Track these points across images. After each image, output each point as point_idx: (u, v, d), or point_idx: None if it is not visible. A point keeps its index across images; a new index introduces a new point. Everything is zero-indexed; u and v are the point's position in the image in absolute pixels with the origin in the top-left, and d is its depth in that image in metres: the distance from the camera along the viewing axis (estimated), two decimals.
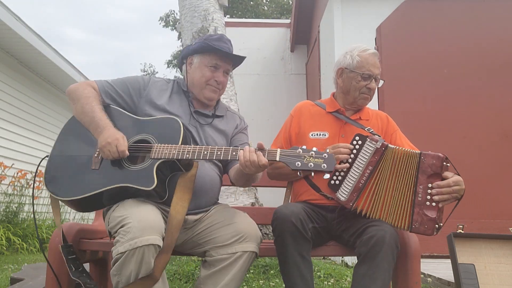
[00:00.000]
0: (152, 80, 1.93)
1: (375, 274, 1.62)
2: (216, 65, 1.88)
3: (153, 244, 1.47)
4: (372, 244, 1.64)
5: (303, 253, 1.72)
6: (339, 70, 2.04)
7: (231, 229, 1.68)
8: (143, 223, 1.49)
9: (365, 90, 1.98)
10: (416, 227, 1.70)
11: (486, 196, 4.14)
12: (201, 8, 4.14)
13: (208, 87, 1.89)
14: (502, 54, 4.41)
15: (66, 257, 1.65)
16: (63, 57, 7.39)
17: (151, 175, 1.59)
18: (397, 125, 2.11)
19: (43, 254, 1.75)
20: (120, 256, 1.46)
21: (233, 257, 1.63)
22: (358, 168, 1.78)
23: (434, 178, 1.72)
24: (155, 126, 1.74)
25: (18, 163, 6.39)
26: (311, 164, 1.49)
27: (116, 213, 1.58)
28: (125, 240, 1.46)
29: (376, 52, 2.03)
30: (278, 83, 7.23)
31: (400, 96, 4.34)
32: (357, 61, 1.98)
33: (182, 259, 3.27)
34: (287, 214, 1.72)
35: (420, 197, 1.71)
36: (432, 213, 1.69)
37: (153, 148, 1.65)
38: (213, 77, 1.88)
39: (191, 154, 1.62)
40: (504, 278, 2.17)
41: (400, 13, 4.47)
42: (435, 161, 1.72)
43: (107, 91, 1.84)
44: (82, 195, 1.63)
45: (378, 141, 1.78)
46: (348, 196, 1.77)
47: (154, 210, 1.58)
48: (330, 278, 3.06)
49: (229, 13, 16.43)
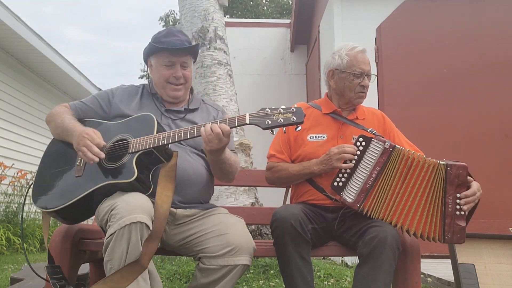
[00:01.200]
0: (121, 88, 1.97)
1: (376, 275, 1.62)
2: (169, 62, 1.86)
3: (141, 222, 1.48)
4: (374, 245, 1.64)
5: (303, 254, 1.72)
6: (329, 72, 2.04)
7: (223, 240, 1.66)
8: (131, 205, 1.51)
9: (360, 89, 1.98)
10: (449, 237, 1.73)
11: (486, 196, 4.11)
12: (201, 8, 4.14)
13: (169, 86, 1.89)
14: (502, 54, 4.40)
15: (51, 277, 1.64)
16: (63, 57, 7.39)
17: (131, 167, 1.61)
18: (393, 123, 2.10)
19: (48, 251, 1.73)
20: (110, 238, 1.48)
21: (224, 270, 1.63)
22: (366, 169, 1.77)
23: (461, 188, 1.74)
24: (130, 125, 1.76)
25: (18, 163, 6.39)
26: (281, 119, 1.51)
27: (103, 205, 1.60)
28: (115, 221, 1.48)
29: (364, 48, 2.02)
30: (278, 83, 7.22)
31: (400, 96, 4.34)
32: (346, 60, 1.97)
33: (182, 259, 3.27)
34: (286, 216, 1.71)
35: (451, 208, 1.73)
36: (462, 222, 1.73)
37: (130, 143, 1.68)
38: (170, 74, 1.87)
39: (166, 139, 1.63)
40: (504, 278, 2.17)
41: (400, 13, 4.47)
42: (461, 171, 1.74)
43: (78, 107, 1.89)
44: (70, 201, 1.65)
45: (386, 142, 1.77)
46: (356, 197, 1.76)
47: (142, 196, 1.60)
48: (330, 278, 3.06)
49: (229, 13, 16.43)
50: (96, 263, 2.05)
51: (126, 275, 1.47)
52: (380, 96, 4.34)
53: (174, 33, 1.87)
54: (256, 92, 7.03)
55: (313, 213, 1.87)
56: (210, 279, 1.64)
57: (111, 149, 1.71)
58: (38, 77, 7.50)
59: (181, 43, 1.86)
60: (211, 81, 3.89)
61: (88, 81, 8.46)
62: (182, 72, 1.88)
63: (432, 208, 1.74)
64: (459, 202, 1.73)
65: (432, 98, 4.35)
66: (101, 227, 1.62)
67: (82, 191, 1.65)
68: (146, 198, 1.59)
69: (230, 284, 1.66)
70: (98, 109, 1.89)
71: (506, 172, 4.21)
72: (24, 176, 5.78)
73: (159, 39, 1.86)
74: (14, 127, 6.67)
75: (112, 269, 1.49)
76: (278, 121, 1.50)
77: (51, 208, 1.68)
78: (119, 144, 1.71)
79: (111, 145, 1.72)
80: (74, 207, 1.66)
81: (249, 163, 3.67)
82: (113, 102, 1.90)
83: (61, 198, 1.67)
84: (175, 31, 1.89)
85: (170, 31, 1.88)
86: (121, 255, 1.47)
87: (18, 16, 6.03)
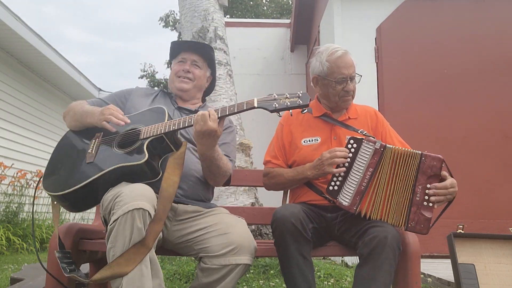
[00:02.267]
0: (138, 88, 2.11)
1: (376, 276, 1.61)
2: (182, 59, 2.05)
3: (143, 209, 1.49)
4: (374, 245, 1.64)
5: (304, 253, 1.71)
6: (313, 79, 2.05)
7: (225, 240, 1.66)
8: (135, 192, 1.53)
9: (344, 94, 1.97)
10: (412, 226, 1.72)
11: (486, 196, 4.14)
12: (201, 8, 4.14)
13: (177, 79, 2.04)
14: (502, 54, 4.41)
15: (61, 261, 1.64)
16: (63, 57, 7.39)
17: (142, 150, 1.66)
18: (387, 121, 2.10)
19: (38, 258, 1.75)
20: (114, 225, 1.49)
21: (225, 269, 1.63)
22: (359, 171, 1.77)
23: (433, 179, 1.73)
24: (142, 117, 1.84)
25: (18, 163, 6.39)
26: (287, 102, 1.59)
27: (108, 194, 1.61)
28: (118, 207, 1.50)
29: (345, 51, 1.97)
30: (278, 83, 7.22)
31: (400, 96, 4.34)
32: (327, 67, 1.96)
33: (182, 259, 3.27)
34: (286, 215, 1.71)
35: (418, 197, 1.73)
36: (429, 213, 1.72)
37: (142, 130, 1.74)
38: (180, 68, 2.04)
39: (176, 125, 1.69)
40: (504, 278, 2.17)
41: (400, 13, 4.47)
42: (435, 162, 1.73)
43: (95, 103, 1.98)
44: (80, 184, 1.66)
45: (376, 142, 1.78)
46: (351, 200, 1.76)
47: (146, 186, 1.62)
48: (330, 278, 3.06)
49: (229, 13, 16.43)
50: (96, 263, 2.05)
51: (132, 257, 1.47)
52: (380, 96, 4.34)
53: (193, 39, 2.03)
54: (256, 92, 7.00)
55: (314, 212, 1.87)
56: (211, 279, 1.65)
57: (122, 138, 1.77)
58: (38, 77, 7.50)
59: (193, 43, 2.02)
60: None
61: (88, 81, 8.46)
62: (192, 69, 2.04)
63: (401, 195, 1.74)
64: (427, 192, 1.72)
65: (432, 98, 4.35)
66: (104, 218, 1.62)
67: (93, 174, 1.67)
68: (150, 188, 1.61)
69: (232, 284, 1.66)
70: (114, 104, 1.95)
71: (506, 172, 4.21)
72: (24, 176, 5.78)
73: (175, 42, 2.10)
74: (14, 127, 6.67)
75: (115, 256, 1.49)
76: (285, 104, 1.59)
77: (61, 191, 1.68)
78: (130, 132, 1.77)
79: (123, 133, 1.78)
80: (83, 192, 1.67)
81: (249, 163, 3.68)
82: (129, 99, 2.01)
83: (71, 182, 1.69)
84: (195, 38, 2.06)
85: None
86: (124, 240, 1.48)
87: (18, 16, 6.04)
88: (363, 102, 2.19)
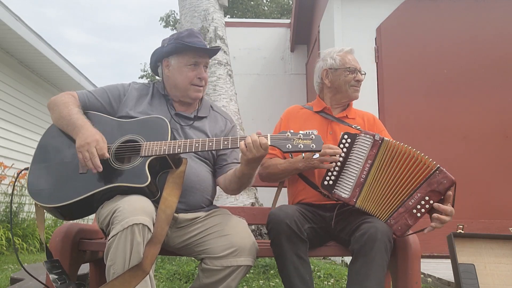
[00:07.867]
0: (132, 86, 1.92)
1: (369, 270, 1.62)
2: (195, 62, 1.85)
3: (142, 224, 1.46)
4: (364, 241, 1.65)
5: (300, 254, 1.72)
6: (323, 72, 2.11)
7: (226, 241, 1.65)
8: (133, 206, 1.49)
9: (355, 83, 2.07)
10: (390, 223, 1.72)
11: (486, 196, 4.14)
12: (201, 8, 4.15)
13: (192, 88, 1.86)
14: (502, 54, 4.40)
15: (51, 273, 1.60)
16: (63, 57, 7.39)
17: (144, 172, 1.59)
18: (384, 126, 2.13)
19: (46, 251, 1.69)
20: (113, 240, 1.45)
21: (227, 271, 1.63)
22: (358, 163, 1.80)
23: (435, 195, 1.70)
24: (141, 126, 1.73)
25: (18, 163, 6.38)
26: (301, 145, 1.56)
27: (105, 208, 1.57)
28: (117, 223, 1.46)
29: (351, 48, 2.14)
30: (278, 83, 7.22)
31: (400, 96, 4.34)
32: (338, 60, 2.09)
33: (182, 259, 3.27)
34: (281, 216, 1.72)
35: (412, 202, 1.72)
36: (412, 221, 1.71)
37: (142, 146, 1.65)
38: (195, 75, 1.85)
39: (182, 148, 1.62)
40: (504, 278, 2.17)
41: (400, 13, 4.47)
42: (446, 181, 1.69)
43: (86, 98, 1.84)
44: (75, 199, 1.60)
45: (375, 135, 1.80)
46: (351, 192, 1.78)
47: (145, 198, 1.57)
48: (330, 278, 3.06)
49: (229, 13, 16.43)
50: (96, 263, 2.05)
51: (127, 279, 1.44)
52: (380, 96, 4.33)
53: (195, 35, 1.87)
54: (256, 92, 7.03)
55: (311, 213, 1.88)
56: (213, 280, 1.64)
57: (119, 149, 1.67)
58: (38, 77, 7.50)
59: (204, 44, 1.86)
60: (211, 81, 3.89)
61: (88, 81, 8.46)
62: (204, 74, 1.88)
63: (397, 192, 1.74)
64: (423, 204, 1.71)
65: (432, 98, 4.35)
66: (102, 229, 1.61)
67: (89, 190, 1.60)
68: (148, 201, 1.58)
69: (233, 285, 1.66)
70: (106, 105, 1.85)
71: (506, 172, 4.21)
72: (24, 176, 5.77)
73: (182, 39, 1.83)
74: (14, 127, 6.67)
75: (115, 274, 1.45)
76: (298, 147, 1.56)
77: (53, 205, 1.62)
78: (129, 145, 1.68)
79: (120, 144, 1.69)
80: (77, 205, 1.62)
81: None
82: (123, 100, 1.86)
83: (64, 195, 1.61)
84: (196, 32, 1.89)
85: (192, 32, 1.87)
86: (124, 257, 1.45)
87: (18, 16, 6.04)
88: (363, 102, 2.21)
